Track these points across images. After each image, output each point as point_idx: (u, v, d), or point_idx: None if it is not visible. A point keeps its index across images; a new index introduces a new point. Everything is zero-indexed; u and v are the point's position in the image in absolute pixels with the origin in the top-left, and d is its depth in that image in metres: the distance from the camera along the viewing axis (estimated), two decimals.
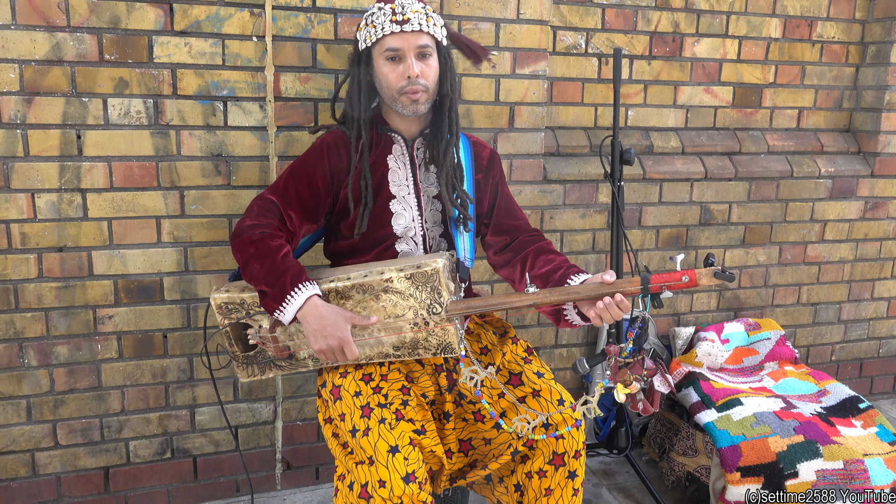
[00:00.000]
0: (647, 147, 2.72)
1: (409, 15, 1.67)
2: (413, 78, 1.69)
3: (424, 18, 1.69)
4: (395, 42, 1.68)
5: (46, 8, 1.95)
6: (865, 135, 3.01)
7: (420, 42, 1.69)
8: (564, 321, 1.76)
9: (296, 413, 2.43)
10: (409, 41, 1.68)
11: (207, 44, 2.09)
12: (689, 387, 2.52)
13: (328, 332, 1.61)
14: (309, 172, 1.76)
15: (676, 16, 2.70)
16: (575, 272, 1.71)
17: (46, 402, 2.18)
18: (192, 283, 2.22)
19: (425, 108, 1.74)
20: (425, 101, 1.73)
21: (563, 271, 1.72)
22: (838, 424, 2.38)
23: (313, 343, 1.64)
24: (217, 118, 2.14)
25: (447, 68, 1.76)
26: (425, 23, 1.69)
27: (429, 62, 1.71)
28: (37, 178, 2.04)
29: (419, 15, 1.68)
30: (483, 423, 1.80)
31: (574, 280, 1.69)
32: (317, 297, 1.62)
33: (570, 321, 1.75)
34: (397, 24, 1.67)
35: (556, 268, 1.74)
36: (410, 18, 1.67)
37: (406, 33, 1.68)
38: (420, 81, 1.69)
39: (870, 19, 2.94)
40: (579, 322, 1.73)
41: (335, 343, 1.62)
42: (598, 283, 1.61)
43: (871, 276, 3.13)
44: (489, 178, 1.90)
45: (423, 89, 1.70)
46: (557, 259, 1.78)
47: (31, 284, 2.09)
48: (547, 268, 1.76)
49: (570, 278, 1.70)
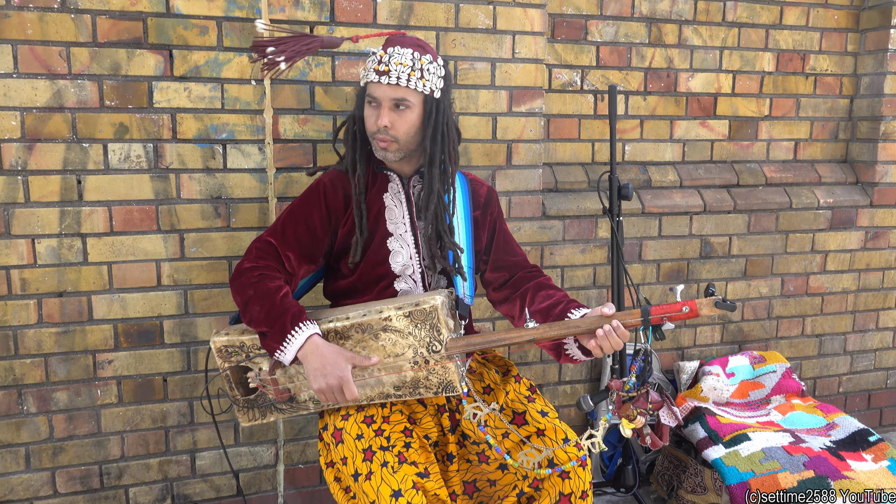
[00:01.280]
0: (645, 181, 2.73)
1: (392, 67, 1.67)
2: (381, 127, 1.70)
3: (408, 73, 1.68)
4: (373, 90, 1.71)
5: (48, 56, 1.98)
6: (863, 165, 3.02)
7: (396, 95, 1.69)
8: (565, 356, 1.74)
9: (298, 456, 2.39)
10: (384, 92, 1.69)
11: (207, 88, 2.11)
12: (695, 422, 2.49)
13: (328, 370, 1.60)
14: (306, 213, 1.77)
15: (670, 52, 2.74)
16: (575, 307, 1.70)
17: (45, 450, 2.15)
18: (193, 326, 2.21)
19: (395, 157, 1.74)
20: (395, 150, 1.73)
21: (562, 306, 1.72)
22: (849, 459, 2.34)
23: (313, 382, 1.63)
24: (216, 161, 2.16)
25: (435, 123, 1.73)
26: (405, 77, 1.68)
27: (403, 115, 1.70)
28: (37, 223, 2.04)
29: (402, 68, 1.67)
30: (488, 465, 1.77)
31: (574, 314, 1.68)
32: (317, 336, 1.62)
33: (571, 356, 1.73)
34: (377, 73, 1.69)
35: (556, 303, 1.74)
36: (391, 71, 1.67)
37: (383, 85, 1.69)
38: (389, 132, 1.70)
39: (862, 52, 2.97)
40: (581, 357, 1.72)
41: (335, 382, 1.61)
42: (597, 317, 1.60)
43: (875, 306, 3.11)
44: (487, 216, 1.90)
45: (391, 140, 1.71)
46: (557, 294, 1.77)
47: (30, 330, 2.09)
48: (547, 303, 1.75)
49: (569, 313, 1.69)
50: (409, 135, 1.72)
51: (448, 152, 1.76)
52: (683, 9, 2.73)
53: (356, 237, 1.76)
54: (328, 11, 2.18)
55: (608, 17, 2.64)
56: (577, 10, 2.61)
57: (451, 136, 1.77)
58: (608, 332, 1.58)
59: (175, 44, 2.07)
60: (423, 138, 1.74)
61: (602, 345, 1.60)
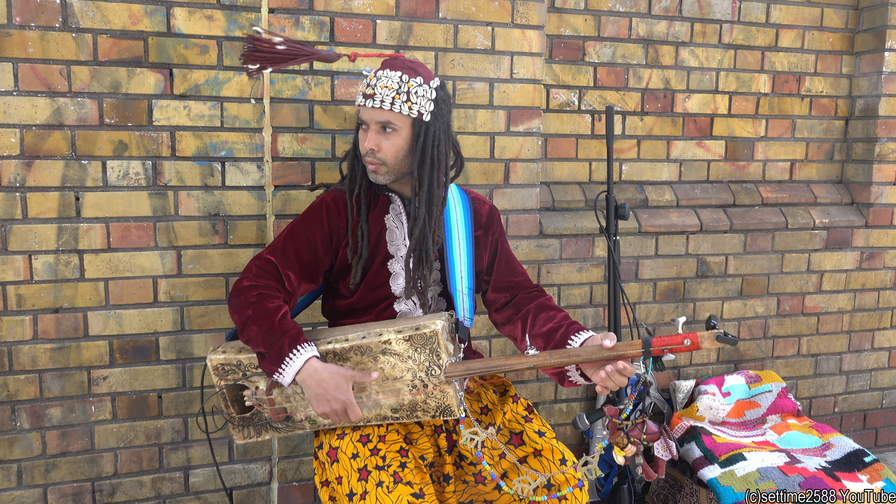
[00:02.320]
0: (642, 201, 2.74)
1: (377, 90, 1.68)
2: (368, 150, 1.71)
3: (392, 96, 1.67)
4: (362, 113, 1.72)
5: (49, 74, 1.99)
6: (858, 186, 3.04)
7: (381, 118, 1.69)
8: (568, 381, 1.73)
9: (292, 474, 2.38)
10: (371, 115, 1.70)
11: (206, 106, 2.12)
12: (691, 442, 2.49)
13: (330, 395, 1.60)
14: (308, 232, 1.77)
15: (667, 73, 2.76)
16: (575, 331, 1.70)
17: (38, 466, 2.14)
18: (189, 343, 2.21)
19: (386, 180, 1.75)
20: (384, 172, 1.73)
21: (563, 330, 1.71)
22: (844, 479, 2.34)
23: (316, 407, 1.63)
24: (215, 178, 2.16)
25: (423, 146, 1.71)
26: (389, 101, 1.67)
27: (390, 137, 1.70)
28: (34, 239, 2.04)
29: (387, 91, 1.67)
30: (484, 485, 1.76)
31: (574, 340, 1.68)
32: (315, 360, 1.61)
33: (574, 381, 1.72)
34: (364, 96, 1.71)
35: (557, 326, 1.73)
36: (375, 94, 1.68)
37: (369, 108, 1.70)
38: (376, 155, 1.71)
39: (857, 74, 3.00)
40: (583, 382, 1.71)
41: (338, 406, 1.61)
42: (598, 347, 1.58)
43: (870, 326, 3.12)
44: (489, 235, 1.90)
45: (379, 163, 1.71)
46: (558, 316, 1.77)
47: (25, 346, 2.08)
48: (548, 326, 1.74)
49: (570, 338, 1.68)
50: (397, 158, 1.71)
51: (436, 176, 1.73)
52: (680, 30, 2.75)
53: (355, 258, 1.76)
54: (328, 31, 2.20)
55: (605, 38, 2.67)
56: (574, 32, 2.63)
57: (440, 160, 1.73)
58: (611, 373, 1.57)
59: (175, 63, 2.08)
60: (412, 161, 1.73)
61: (606, 384, 1.59)
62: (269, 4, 2.14)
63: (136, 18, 2.03)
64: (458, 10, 2.32)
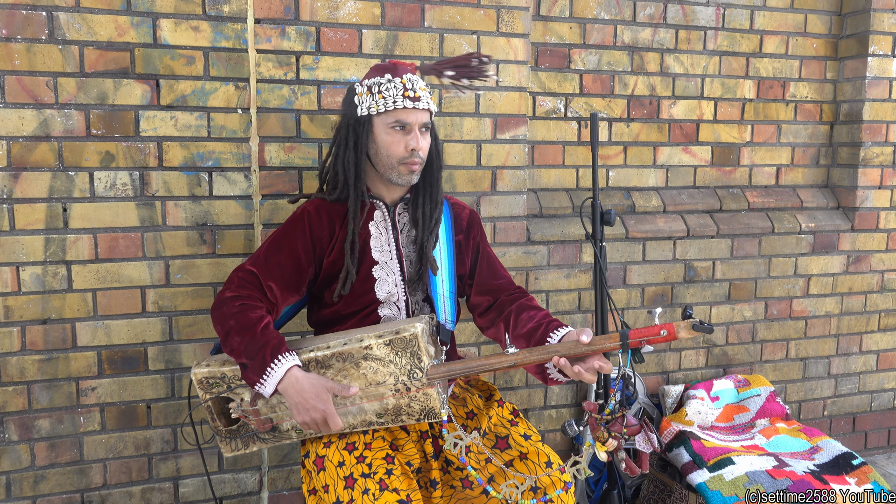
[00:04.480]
0: (629, 206, 2.76)
1: (420, 93, 1.76)
2: (415, 150, 1.75)
3: (430, 96, 1.79)
4: (405, 116, 1.75)
5: (35, 87, 2.00)
6: (844, 190, 3.06)
7: (425, 119, 1.78)
8: (550, 379, 1.75)
9: (282, 483, 2.38)
10: (417, 117, 1.76)
11: (193, 117, 2.14)
12: (680, 446, 2.49)
13: (310, 404, 1.61)
14: (290, 243, 1.77)
15: (652, 79, 2.78)
16: (554, 328, 1.71)
17: (27, 478, 2.14)
18: (177, 353, 2.22)
19: (417, 178, 1.81)
20: (419, 171, 1.80)
21: (543, 329, 1.73)
22: (832, 482, 2.35)
23: (296, 416, 1.64)
24: (202, 188, 2.17)
25: (436, 142, 1.86)
26: (430, 101, 1.78)
27: (426, 136, 1.80)
28: (22, 251, 2.05)
29: (426, 93, 1.78)
30: (472, 490, 1.77)
31: (553, 337, 1.69)
32: (296, 369, 1.62)
33: (554, 378, 1.74)
34: (410, 100, 1.75)
35: (537, 325, 1.75)
36: (421, 97, 1.76)
37: (417, 110, 1.76)
38: (420, 154, 1.77)
39: (840, 79, 3.03)
40: (563, 378, 1.72)
41: (318, 416, 1.62)
42: (575, 342, 1.61)
43: (858, 329, 3.13)
44: (470, 239, 1.92)
45: (420, 161, 1.78)
46: (538, 315, 1.78)
47: (13, 358, 2.08)
48: (529, 326, 1.76)
49: (549, 335, 1.70)
50: (427, 154, 1.82)
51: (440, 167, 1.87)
52: (665, 38, 2.78)
53: (345, 273, 1.77)
54: (314, 41, 2.22)
55: (591, 45, 2.69)
56: (560, 39, 2.65)
57: (441, 155, 1.90)
58: (579, 373, 1.59)
59: (162, 73, 2.09)
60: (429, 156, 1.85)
61: (581, 377, 1.61)
62: (255, 15, 2.15)
63: (122, 30, 2.04)
64: (443, 19, 2.34)
